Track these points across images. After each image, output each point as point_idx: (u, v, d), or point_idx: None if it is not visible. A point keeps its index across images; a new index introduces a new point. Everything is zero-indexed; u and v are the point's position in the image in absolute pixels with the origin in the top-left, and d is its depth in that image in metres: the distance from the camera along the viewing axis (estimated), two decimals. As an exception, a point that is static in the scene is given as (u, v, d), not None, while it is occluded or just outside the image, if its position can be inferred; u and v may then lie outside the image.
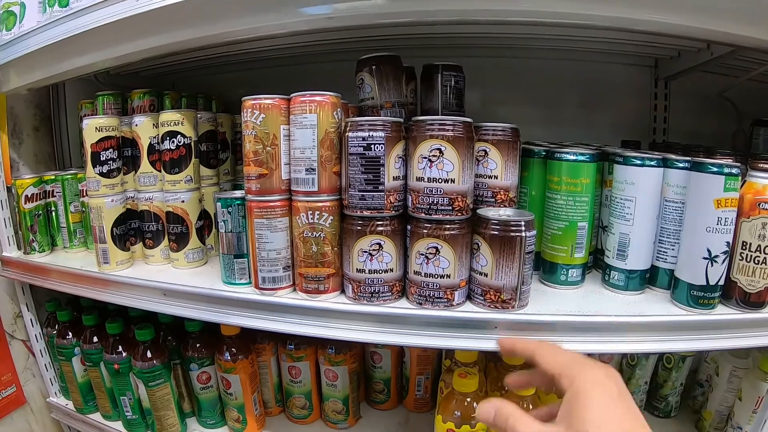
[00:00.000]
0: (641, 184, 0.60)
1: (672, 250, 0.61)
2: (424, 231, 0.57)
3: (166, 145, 0.73)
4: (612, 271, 0.65)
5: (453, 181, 0.55)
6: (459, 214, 0.56)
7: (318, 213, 0.60)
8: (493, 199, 0.63)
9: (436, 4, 0.53)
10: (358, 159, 0.57)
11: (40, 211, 0.88)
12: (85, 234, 0.91)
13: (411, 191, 0.58)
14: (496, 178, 0.62)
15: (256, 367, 0.85)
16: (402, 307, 0.60)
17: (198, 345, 0.83)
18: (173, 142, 0.73)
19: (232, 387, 0.81)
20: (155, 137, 0.76)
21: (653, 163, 0.60)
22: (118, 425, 0.91)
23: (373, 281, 0.59)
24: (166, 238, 0.78)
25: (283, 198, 0.62)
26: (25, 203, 0.86)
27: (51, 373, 1.01)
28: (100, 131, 0.74)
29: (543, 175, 0.67)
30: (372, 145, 0.56)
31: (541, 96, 1.04)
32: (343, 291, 0.63)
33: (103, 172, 0.75)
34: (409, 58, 0.75)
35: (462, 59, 0.77)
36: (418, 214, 0.57)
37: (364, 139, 0.56)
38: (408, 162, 0.58)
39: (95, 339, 0.87)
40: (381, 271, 0.59)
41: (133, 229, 0.80)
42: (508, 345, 0.51)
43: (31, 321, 0.97)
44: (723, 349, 0.77)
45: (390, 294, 0.60)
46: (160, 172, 0.77)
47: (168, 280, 0.71)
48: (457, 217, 0.56)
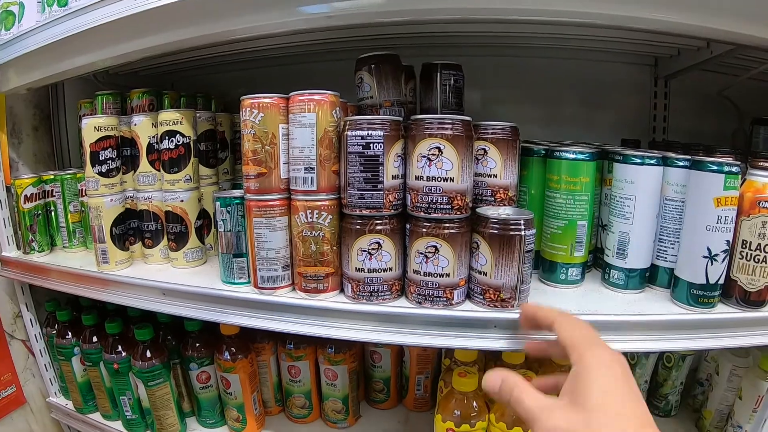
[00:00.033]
0: (641, 182, 0.60)
1: (672, 248, 0.61)
2: (423, 230, 0.57)
3: (165, 144, 0.73)
4: (612, 270, 0.65)
5: (452, 179, 0.55)
6: (458, 213, 0.56)
7: (317, 212, 0.60)
8: (492, 198, 0.63)
9: (435, 3, 0.53)
10: (357, 158, 0.57)
11: (40, 211, 0.88)
12: (85, 234, 0.90)
13: (410, 190, 0.58)
14: (495, 176, 0.62)
15: (256, 366, 0.85)
16: (401, 306, 0.60)
17: (197, 344, 0.83)
18: (172, 141, 0.73)
19: (231, 386, 0.81)
20: (154, 137, 0.76)
21: (653, 161, 0.60)
22: (117, 425, 0.91)
23: (373, 280, 0.59)
24: (166, 237, 0.78)
25: (282, 197, 0.62)
26: (24, 203, 0.86)
27: (51, 373, 1.01)
28: (99, 131, 0.74)
29: (542, 174, 0.67)
30: (371, 144, 0.56)
31: (541, 95, 1.04)
32: (342, 290, 0.63)
33: (102, 171, 0.74)
34: (409, 57, 0.75)
35: (461, 58, 0.76)
36: (417, 213, 0.57)
37: (363, 137, 0.56)
38: (407, 161, 0.58)
39: (95, 339, 0.87)
40: (380, 270, 0.59)
41: (133, 228, 0.80)
42: (531, 311, 0.51)
43: (30, 321, 0.97)
44: (723, 348, 0.77)
45: (389, 293, 0.60)
46: (159, 171, 0.77)
47: (167, 279, 0.71)
48: (457, 216, 0.56)
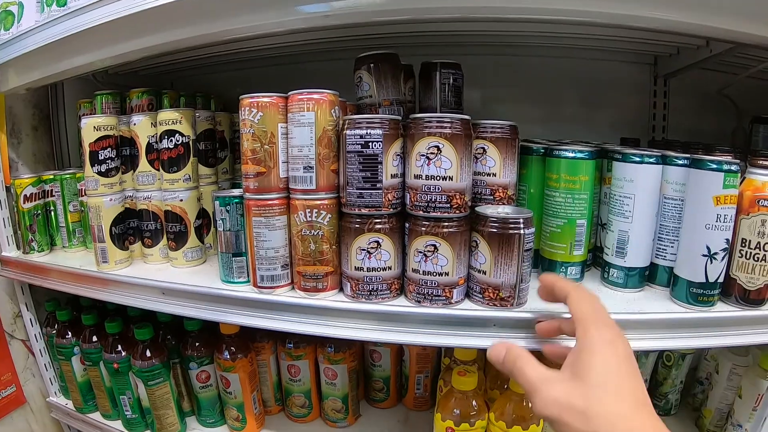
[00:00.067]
0: (640, 181, 0.60)
1: (671, 247, 0.61)
2: (422, 229, 0.57)
3: (165, 144, 0.73)
4: (611, 269, 0.64)
5: (451, 178, 0.55)
6: (457, 212, 0.56)
7: (316, 211, 0.60)
8: (491, 197, 0.63)
9: (434, 2, 0.53)
10: (356, 157, 0.57)
11: (39, 211, 0.88)
12: (84, 233, 0.91)
13: (409, 189, 0.58)
14: (494, 175, 0.62)
15: (256, 365, 0.85)
16: (400, 305, 0.60)
17: (197, 344, 0.83)
18: (171, 140, 0.73)
19: (231, 386, 0.81)
20: (153, 136, 0.76)
21: (652, 160, 0.60)
22: (117, 424, 0.91)
23: (372, 279, 0.59)
24: (165, 237, 0.78)
25: (281, 196, 0.62)
26: (23, 203, 0.86)
27: (51, 373, 1.01)
28: (98, 130, 0.74)
29: (542, 173, 0.67)
30: (370, 143, 0.56)
31: (541, 94, 1.04)
32: (341, 289, 0.63)
33: (102, 171, 0.74)
34: (408, 56, 0.75)
35: (461, 57, 0.76)
36: (416, 211, 0.57)
37: (361, 136, 0.56)
38: (406, 160, 0.58)
39: (94, 338, 0.87)
40: (379, 269, 0.59)
41: (132, 228, 0.80)
42: (550, 281, 0.51)
43: (30, 321, 0.97)
44: (722, 347, 0.76)
45: (388, 292, 0.60)
46: (158, 171, 0.77)
47: (167, 278, 0.71)
48: (456, 215, 0.56)
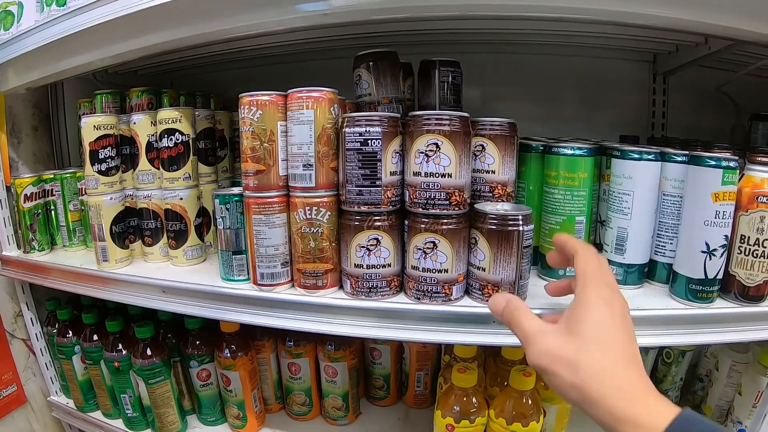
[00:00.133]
0: (639, 178, 0.60)
1: (670, 244, 0.61)
2: (421, 226, 0.57)
3: (165, 142, 0.73)
4: (610, 266, 0.64)
5: (450, 175, 0.55)
6: (456, 209, 0.56)
7: (316, 209, 0.60)
8: (490, 194, 0.63)
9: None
10: (355, 154, 0.57)
11: (40, 210, 0.88)
12: (85, 232, 0.91)
13: (408, 186, 0.58)
14: (493, 172, 0.62)
15: (256, 364, 0.85)
16: (400, 302, 0.60)
17: (198, 342, 0.83)
18: (171, 139, 0.73)
19: (231, 384, 0.81)
20: (153, 135, 0.76)
21: (651, 157, 0.60)
22: (118, 423, 0.91)
23: (371, 276, 0.59)
24: (165, 235, 0.78)
25: (280, 194, 0.62)
26: (24, 202, 0.86)
27: (51, 372, 1.01)
28: (98, 129, 0.74)
29: (541, 170, 0.67)
30: (369, 141, 0.56)
31: (540, 92, 1.04)
32: (341, 286, 0.63)
33: (102, 170, 0.75)
34: (407, 55, 0.75)
35: (460, 55, 0.77)
36: (416, 209, 0.57)
37: (361, 134, 0.56)
38: (405, 157, 0.58)
39: (95, 337, 0.87)
40: (379, 266, 0.59)
41: (132, 226, 0.80)
42: (563, 239, 0.51)
43: (31, 320, 0.97)
44: (722, 343, 0.76)
45: (388, 289, 0.60)
46: (158, 169, 0.77)
47: (167, 277, 0.71)
48: (455, 212, 0.56)
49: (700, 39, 0.81)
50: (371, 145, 0.56)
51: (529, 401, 0.63)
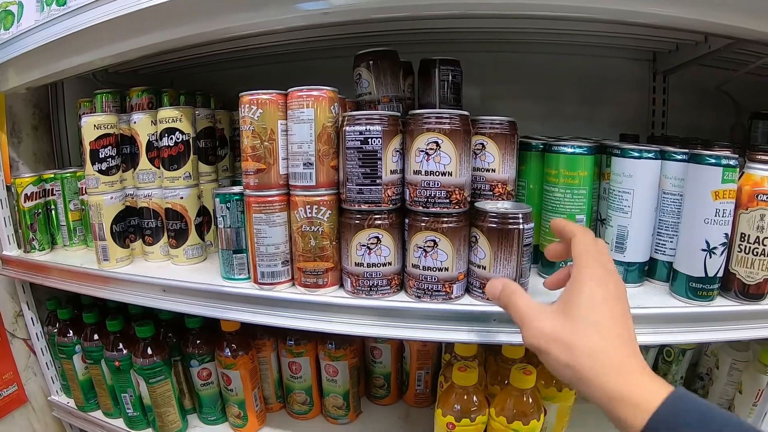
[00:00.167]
0: (639, 176, 0.60)
1: (670, 242, 0.61)
2: (421, 224, 0.57)
3: (165, 142, 0.74)
4: (610, 264, 0.65)
5: (450, 174, 0.55)
6: (456, 207, 0.56)
7: (316, 207, 0.60)
8: (490, 192, 0.63)
9: (432, -2, 0.53)
10: (356, 153, 0.57)
11: (40, 210, 0.88)
12: (85, 232, 0.91)
13: (408, 185, 0.58)
14: (493, 171, 0.62)
15: (257, 363, 0.85)
16: (401, 300, 0.60)
17: (198, 341, 0.83)
18: (171, 138, 0.73)
19: (232, 383, 0.81)
20: (154, 134, 0.76)
21: (651, 155, 0.60)
22: (119, 422, 0.91)
23: (372, 275, 0.59)
24: (166, 234, 0.78)
25: (281, 193, 0.62)
26: (24, 202, 0.86)
27: (52, 372, 1.01)
28: (98, 129, 0.74)
29: (541, 168, 0.67)
30: (369, 139, 0.56)
31: (540, 91, 1.04)
32: (341, 285, 0.63)
33: (102, 169, 0.75)
34: (407, 53, 0.75)
35: (460, 54, 0.77)
36: (416, 207, 0.57)
37: (361, 133, 0.56)
38: (405, 156, 0.58)
39: (96, 336, 0.87)
40: (379, 265, 0.59)
41: (133, 226, 0.80)
42: (561, 223, 0.51)
43: (31, 319, 0.97)
44: (722, 341, 0.77)
45: (389, 287, 0.60)
46: (158, 168, 0.77)
47: (168, 276, 0.71)
48: (455, 210, 0.56)
49: (700, 38, 0.81)
50: (371, 144, 0.56)
51: (530, 400, 0.63)
